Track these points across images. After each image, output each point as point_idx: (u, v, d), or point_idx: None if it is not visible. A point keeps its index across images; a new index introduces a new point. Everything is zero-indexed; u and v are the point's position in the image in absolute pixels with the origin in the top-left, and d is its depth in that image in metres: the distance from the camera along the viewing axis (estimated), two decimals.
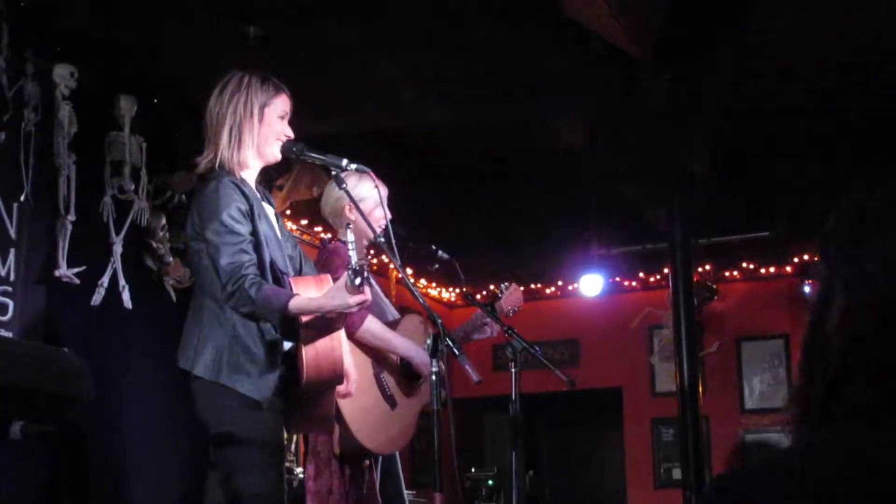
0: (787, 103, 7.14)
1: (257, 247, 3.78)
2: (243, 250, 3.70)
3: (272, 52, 5.91)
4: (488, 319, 5.05)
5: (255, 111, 3.92)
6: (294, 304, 3.64)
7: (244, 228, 3.75)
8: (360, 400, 4.42)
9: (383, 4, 5.84)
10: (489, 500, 10.18)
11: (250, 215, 3.80)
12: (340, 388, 4.09)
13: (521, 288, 5.49)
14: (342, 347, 3.87)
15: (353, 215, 4.52)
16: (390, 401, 4.79)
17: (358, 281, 3.47)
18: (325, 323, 3.78)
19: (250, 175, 3.99)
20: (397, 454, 4.95)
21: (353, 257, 3.47)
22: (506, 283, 5.46)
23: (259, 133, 3.93)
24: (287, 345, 3.84)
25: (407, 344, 4.83)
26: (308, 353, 3.78)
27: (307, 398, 3.98)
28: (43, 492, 5.47)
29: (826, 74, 6.73)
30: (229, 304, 3.68)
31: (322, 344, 3.81)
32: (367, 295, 3.65)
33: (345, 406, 4.45)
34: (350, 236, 3.56)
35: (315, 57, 6.25)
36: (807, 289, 9.65)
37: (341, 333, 3.88)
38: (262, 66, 4.19)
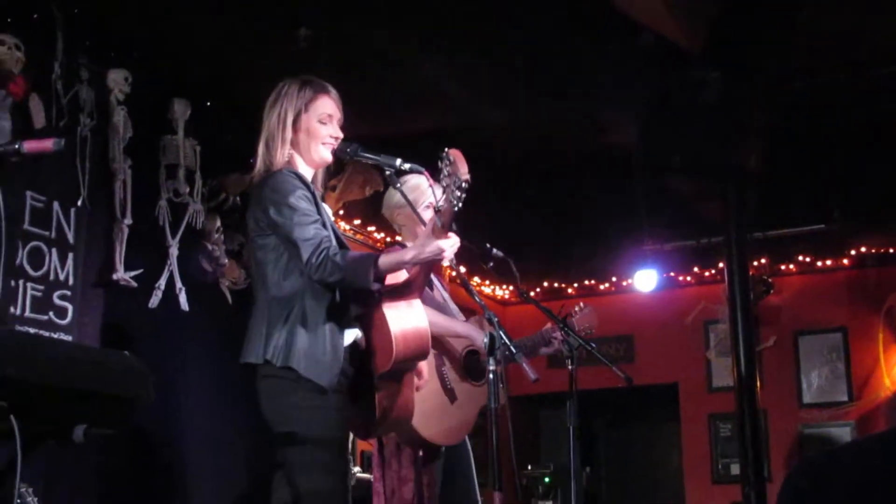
0: (841, 94, 7.06)
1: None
2: (321, 226, 3.68)
3: (323, 53, 5.93)
4: (556, 335, 5.02)
5: (289, 121, 3.86)
6: (384, 259, 3.57)
7: (313, 210, 3.73)
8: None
9: (429, 6, 5.83)
10: (546, 497, 10.18)
11: (314, 203, 3.78)
12: (416, 382, 4.08)
13: (576, 284, 5.46)
14: (426, 322, 3.83)
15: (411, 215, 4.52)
16: (450, 394, 4.78)
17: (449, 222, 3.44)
18: (404, 287, 3.74)
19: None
20: (470, 453, 4.93)
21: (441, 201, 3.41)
22: (581, 305, 5.43)
23: (298, 142, 3.89)
24: (349, 338, 3.81)
25: (466, 325, 4.85)
26: (396, 335, 3.74)
27: (388, 388, 3.93)
28: (104, 493, 5.53)
29: (882, 65, 6.64)
30: (316, 276, 3.59)
31: (407, 318, 3.78)
32: (457, 238, 3.60)
33: None
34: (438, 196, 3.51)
35: (364, 58, 6.27)
36: None
37: (422, 311, 3.84)
38: (313, 68, 4.16)
